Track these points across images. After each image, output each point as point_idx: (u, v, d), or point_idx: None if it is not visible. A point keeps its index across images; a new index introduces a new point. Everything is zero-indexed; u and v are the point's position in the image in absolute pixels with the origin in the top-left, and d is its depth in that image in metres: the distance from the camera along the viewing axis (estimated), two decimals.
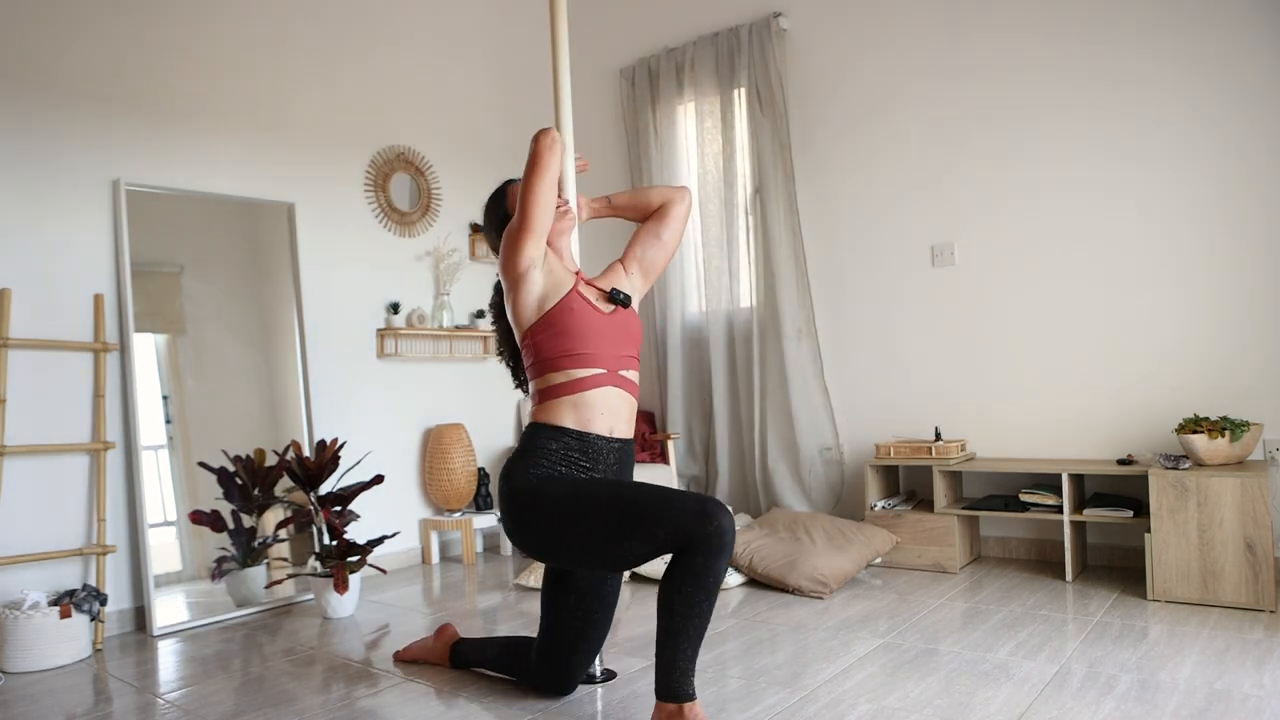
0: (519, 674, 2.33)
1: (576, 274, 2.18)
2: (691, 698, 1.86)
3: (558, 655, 2.20)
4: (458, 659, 2.50)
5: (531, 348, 2.10)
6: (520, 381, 2.28)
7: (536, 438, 2.05)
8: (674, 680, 1.85)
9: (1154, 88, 3.32)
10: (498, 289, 2.29)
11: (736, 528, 3.72)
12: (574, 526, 1.93)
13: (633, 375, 2.15)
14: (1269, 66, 3.11)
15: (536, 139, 2.07)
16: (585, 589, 2.17)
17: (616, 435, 2.09)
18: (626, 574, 3.51)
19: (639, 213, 2.35)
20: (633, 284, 2.27)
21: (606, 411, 2.06)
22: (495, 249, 2.27)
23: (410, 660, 2.61)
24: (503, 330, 2.29)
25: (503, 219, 2.24)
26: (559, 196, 2.23)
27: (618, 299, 2.14)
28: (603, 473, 2.08)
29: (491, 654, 2.42)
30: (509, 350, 2.30)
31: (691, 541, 1.80)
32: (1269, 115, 3.12)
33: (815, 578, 3.16)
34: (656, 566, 3.47)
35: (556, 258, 2.18)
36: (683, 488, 4.46)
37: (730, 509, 1.84)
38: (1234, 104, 3.18)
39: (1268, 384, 3.14)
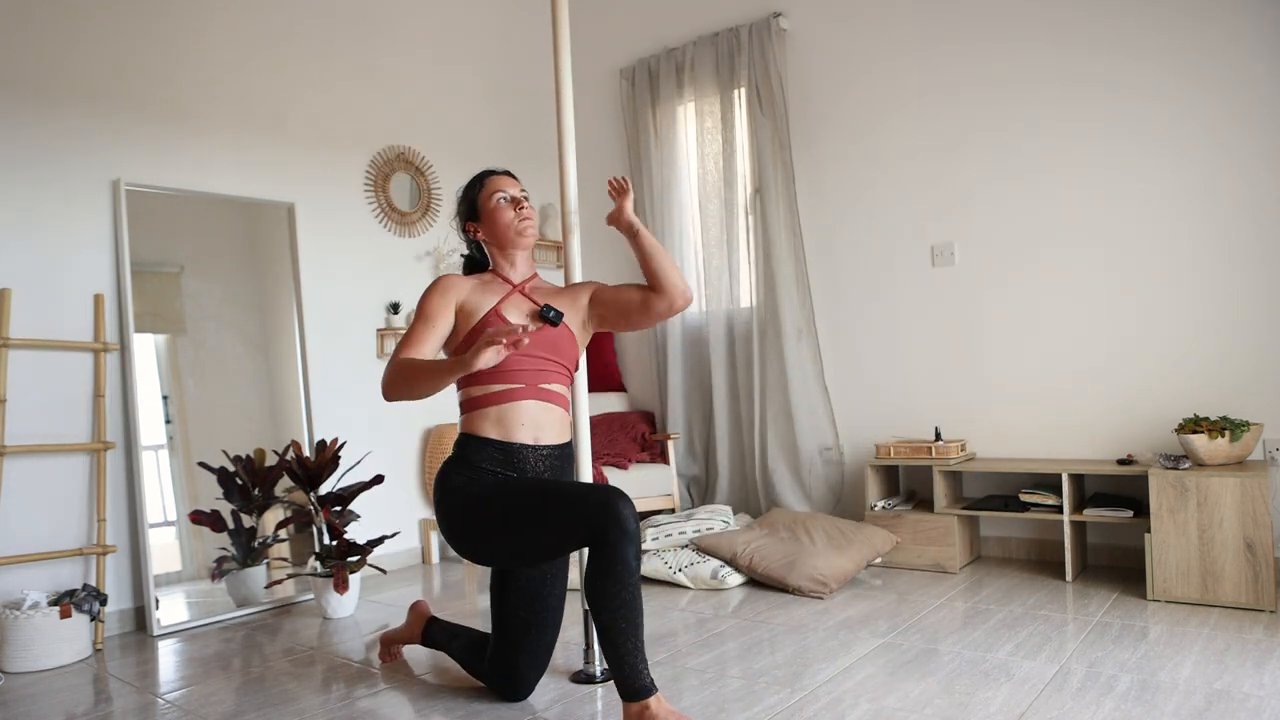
0: (478, 674, 2.33)
1: (517, 286, 2.22)
2: (650, 692, 1.87)
3: (507, 658, 2.23)
4: (429, 638, 2.53)
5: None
6: None
7: (465, 447, 2.13)
8: (626, 678, 1.87)
9: (1153, 90, 3.32)
10: None
11: (736, 527, 3.73)
12: (493, 523, 2.01)
13: (557, 388, 2.19)
14: (1267, 71, 3.11)
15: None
16: (529, 590, 2.22)
17: (544, 443, 2.14)
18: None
19: (643, 269, 2.21)
20: (583, 317, 2.28)
21: (529, 422, 2.12)
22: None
23: (389, 646, 2.63)
24: None
25: (468, 212, 2.28)
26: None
27: (546, 316, 2.15)
28: (532, 476, 2.13)
29: (457, 647, 2.42)
30: None
31: (595, 533, 1.85)
32: (1268, 116, 3.12)
33: (815, 578, 3.16)
34: (656, 566, 3.47)
35: (477, 283, 2.21)
36: (682, 489, 4.47)
37: (631, 499, 1.91)
38: (1232, 105, 3.18)
39: (1268, 384, 3.14)
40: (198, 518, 3.25)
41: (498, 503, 2.02)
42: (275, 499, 3.43)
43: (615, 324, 2.29)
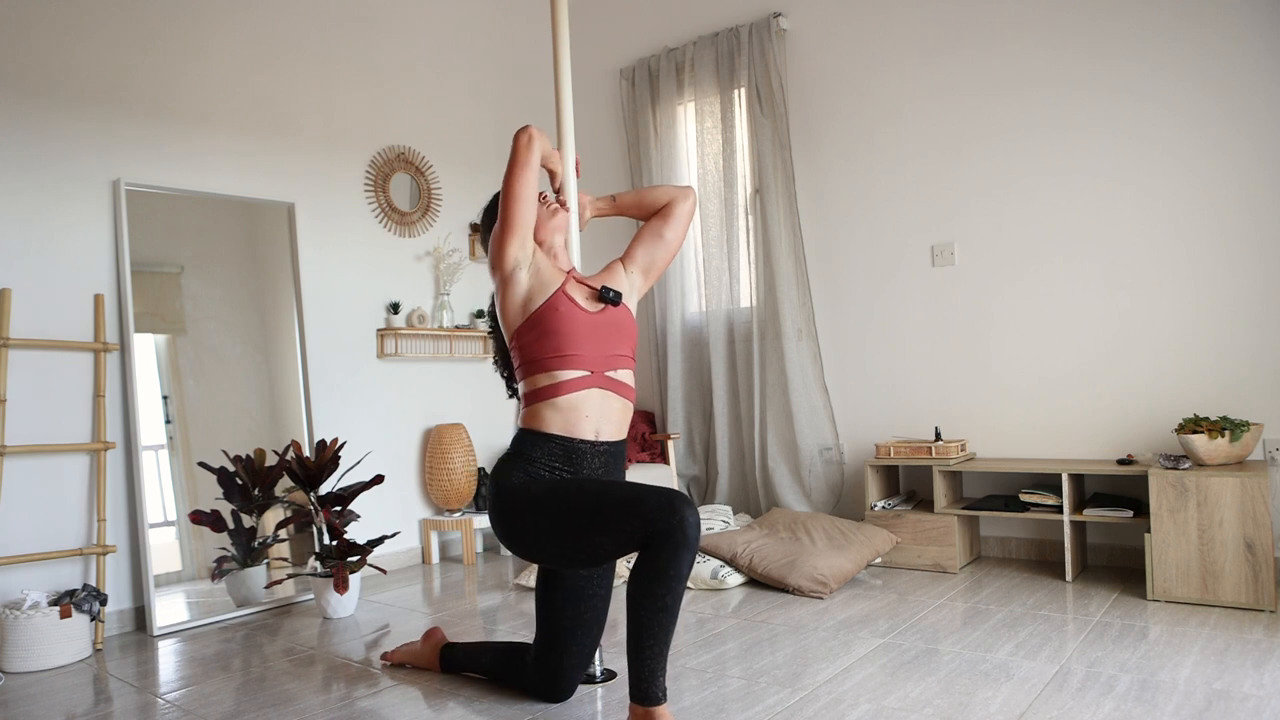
0: (517, 681, 2.31)
1: (568, 273, 2.17)
2: (659, 701, 1.84)
3: (552, 658, 2.20)
4: (449, 664, 2.47)
5: (518, 350, 2.11)
6: (513, 392, 2.27)
7: (523, 443, 2.07)
8: (644, 680, 1.84)
9: (1155, 89, 3.32)
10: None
11: (736, 527, 3.74)
12: (549, 525, 1.95)
13: (623, 376, 2.13)
14: (1265, 70, 3.11)
15: (516, 137, 2.09)
16: (574, 589, 2.18)
17: (603, 439, 2.08)
18: (620, 575, 3.51)
19: (643, 211, 2.36)
20: (631, 282, 2.27)
21: (592, 414, 2.06)
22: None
23: (398, 664, 2.59)
24: (499, 339, 2.29)
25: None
26: (555, 196, 2.23)
27: (607, 297, 2.12)
28: (587, 475, 2.07)
29: (487, 661, 2.39)
30: (504, 359, 2.29)
31: (656, 535, 1.79)
32: (1267, 118, 3.12)
33: (815, 578, 3.16)
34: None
35: (547, 257, 2.19)
36: (682, 490, 4.47)
37: (694, 504, 1.82)
38: (1232, 107, 3.18)
39: (1268, 384, 3.14)
40: (198, 518, 3.25)
41: (555, 505, 1.95)
42: (275, 499, 3.43)
43: (656, 253, 2.29)
